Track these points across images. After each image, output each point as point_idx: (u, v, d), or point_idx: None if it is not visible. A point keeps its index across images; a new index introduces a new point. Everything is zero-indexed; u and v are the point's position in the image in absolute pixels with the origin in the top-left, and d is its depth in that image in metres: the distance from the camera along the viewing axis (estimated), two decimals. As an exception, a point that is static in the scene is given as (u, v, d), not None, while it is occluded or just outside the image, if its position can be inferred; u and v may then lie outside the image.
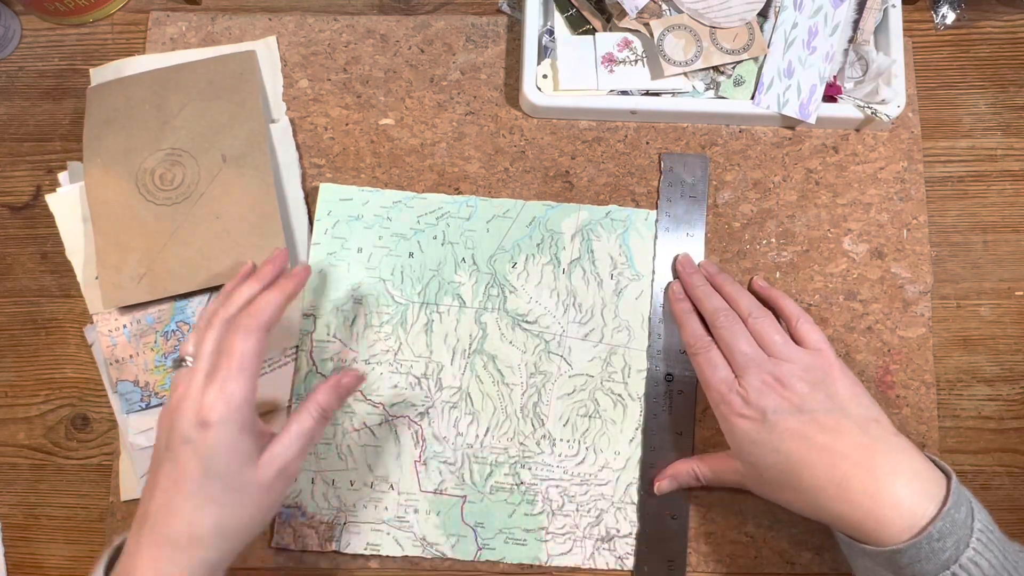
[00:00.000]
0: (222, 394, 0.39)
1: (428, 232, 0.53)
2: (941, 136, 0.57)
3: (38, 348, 0.54)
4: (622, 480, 0.51)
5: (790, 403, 0.43)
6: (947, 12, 0.59)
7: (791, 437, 0.42)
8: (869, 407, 0.43)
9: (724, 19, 0.53)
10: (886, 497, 0.39)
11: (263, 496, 0.40)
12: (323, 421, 0.43)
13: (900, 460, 0.41)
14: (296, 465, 0.41)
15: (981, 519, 0.38)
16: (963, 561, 0.37)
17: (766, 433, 0.43)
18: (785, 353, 0.46)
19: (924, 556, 0.37)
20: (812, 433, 0.42)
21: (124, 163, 0.53)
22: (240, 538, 0.40)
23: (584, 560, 0.50)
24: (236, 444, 0.39)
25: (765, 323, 0.47)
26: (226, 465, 0.38)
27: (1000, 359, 0.54)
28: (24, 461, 0.53)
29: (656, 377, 0.52)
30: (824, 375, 0.44)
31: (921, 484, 0.39)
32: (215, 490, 0.38)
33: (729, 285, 0.50)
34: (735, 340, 0.47)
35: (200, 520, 0.38)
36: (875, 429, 0.42)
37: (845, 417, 0.43)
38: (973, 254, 0.55)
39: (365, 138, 0.56)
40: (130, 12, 0.59)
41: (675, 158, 0.55)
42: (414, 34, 0.58)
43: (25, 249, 0.56)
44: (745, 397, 0.44)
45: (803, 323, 0.47)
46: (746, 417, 0.44)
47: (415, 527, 0.50)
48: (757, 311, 0.48)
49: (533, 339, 0.52)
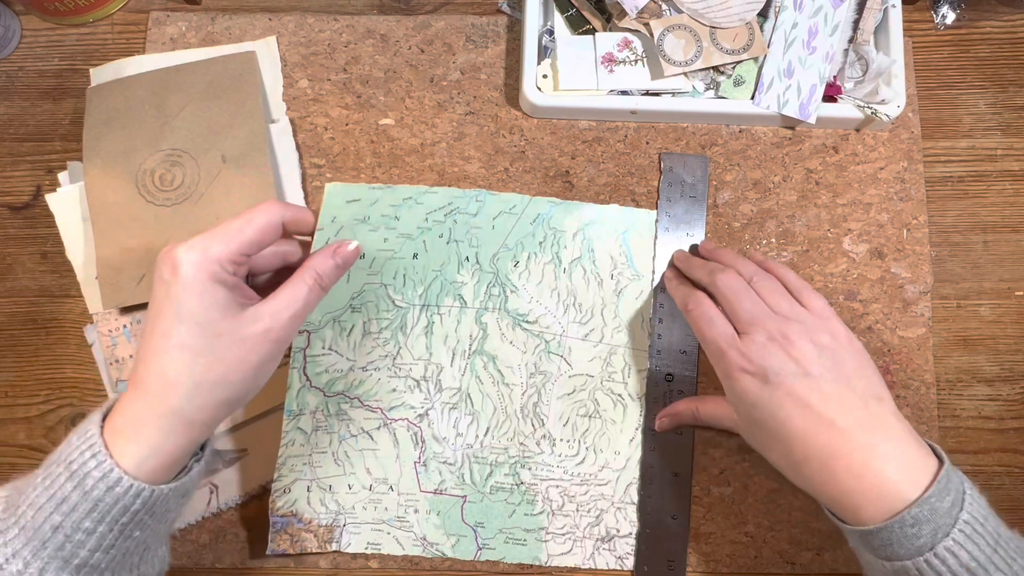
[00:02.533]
0: (199, 243, 0.38)
1: (435, 230, 0.52)
2: (941, 136, 0.57)
3: (38, 348, 0.54)
4: (622, 480, 0.51)
5: (796, 364, 0.41)
6: (947, 12, 0.59)
7: (792, 403, 0.41)
8: (873, 382, 0.42)
9: (724, 19, 0.53)
10: (871, 479, 0.39)
11: (243, 352, 0.38)
12: (318, 291, 0.41)
13: (894, 444, 0.40)
14: (286, 332, 0.40)
15: (972, 510, 0.37)
16: (939, 550, 0.36)
17: (767, 394, 0.41)
18: (792, 313, 0.44)
19: (896, 540, 0.37)
20: (814, 402, 0.40)
21: (124, 163, 0.53)
22: (217, 395, 0.38)
23: (584, 560, 0.50)
24: (206, 292, 0.38)
25: (770, 284, 0.45)
26: (196, 311, 0.37)
27: (1000, 359, 0.54)
28: (24, 461, 0.53)
29: (656, 377, 0.52)
30: (832, 340, 0.43)
31: (908, 470, 0.39)
32: (187, 336, 0.37)
33: (729, 256, 0.49)
34: (738, 296, 0.44)
35: (171, 364, 0.37)
36: (876, 407, 0.41)
37: (849, 390, 0.41)
38: (973, 254, 0.55)
39: (365, 138, 0.56)
40: (130, 12, 0.59)
41: (675, 158, 0.55)
42: (414, 34, 0.58)
43: (25, 249, 0.56)
44: (747, 353, 0.42)
45: (807, 292, 0.45)
46: (748, 373, 0.42)
47: (415, 527, 0.50)
48: (761, 274, 0.46)
49: (533, 339, 0.52)
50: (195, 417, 0.38)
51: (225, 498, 0.51)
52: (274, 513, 0.50)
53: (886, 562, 0.38)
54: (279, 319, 0.39)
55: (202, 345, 0.37)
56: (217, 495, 0.51)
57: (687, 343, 0.52)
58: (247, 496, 0.51)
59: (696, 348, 0.52)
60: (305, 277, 0.41)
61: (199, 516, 0.51)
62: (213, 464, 0.51)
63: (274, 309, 0.40)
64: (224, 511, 0.51)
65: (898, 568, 0.37)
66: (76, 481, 0.35)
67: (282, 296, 0.40)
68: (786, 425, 0.41)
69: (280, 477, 0.50)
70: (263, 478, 0.51)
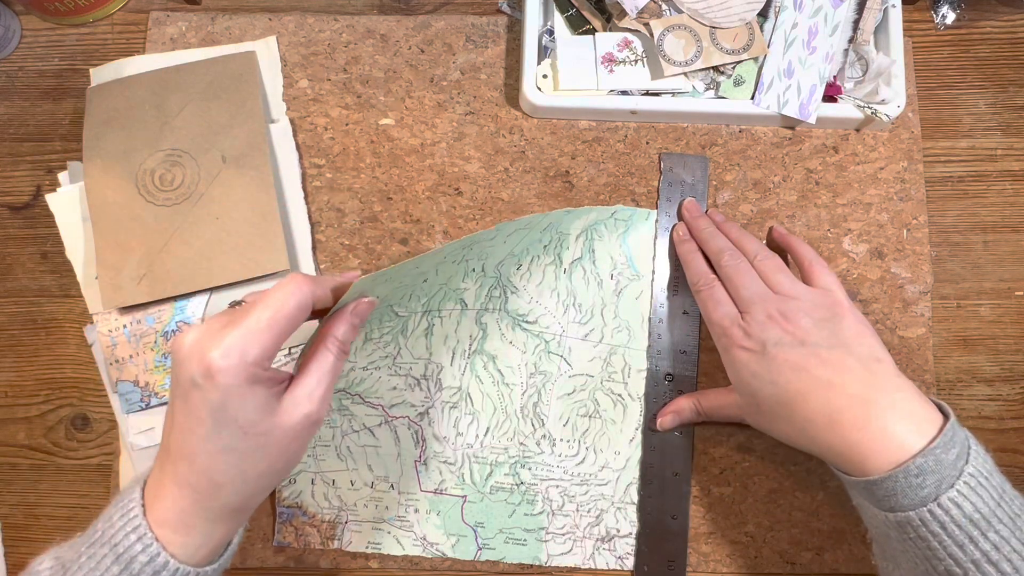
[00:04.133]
0: (236, 346, 0.35)
1: (449, 259, 0.50)
2: (941, 136, 0.57)
3: (38, 348, 0.54)
4: (622, 480, 0.51)
5: (792, 336, 0.43)
6: (947, 12, 0.59)
7: (790, 368, 0.42)
8: (874, 347, 0.43)
9: (724, 19, 0.53)
10: (875, 431, 0.39)
11: (288, 443, 0.37)
12: (343, 356, 0.40)
13: (897, 398, 0.40)
14: (323, 409, 0.38)
15: (977, 464, 0.37)
16: (942, 500, 0.36)
17: (765, 364, 0.43)
18: (792, 291, 0.45)
19: (900, 490, 0.37)
20: (812, 366, 0.42)
21: (124, 163, 0.53)
22: (264, 484, 0.38)
23: (584, 560, 0.50)
24: (247, 396, 0.35)
25: (771, 263, 0.47)
26: (239, 416, 0.36)
27: (1000, 359, 0.54)
28: (24, 461, 0.53)
29: (656, 377, 0.52)
30: (831, 313, 0.44)
31: (914, 422, 0.39)
32: (231, 439, 0.36)
33: (736, 231, 0.50)
34: (739, 277, 0.47)
35: (218, 467, 0.36)
36: (877, 367, 0.42)
37: (848, 354, 0.42)
38: (973, 254, 0.55)
39: (365, 138, 0.56)
40: (130, 12, 0.59)
41: (675, 158, 0.55)
42: (414, 34, 0.58)
43: (25, 249, 0.56)
44: (747, 330, 0.44)
45: (816, 265, 0.47)
46: (746, 349, 0.44)
47: (416, 527, 0.50)
48: (764, 252, 0.48)
49: (533, 339, 0.52)
50: (243, 505, 0.38)
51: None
52: (280, 503, 0.50)
53: (889, 513, 0.38)
54: (315, 400, 0.38)
55: (247, 446, 0.36)
56: (217, 495, 0.51)
57: (687, 343, 0.52)
58: (247, 496, 0.51)
59: (696, 348, 0.52)
60: (329, 347, 0.39)
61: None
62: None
63: (308, 390, 0.38)
64: (224, 511, 0.51)
65: (901, 520, 0.38)
66: (123, 565, 0.35)
67: (312, 373, 0.38)
68: (787, 390, 0.42)
69: None
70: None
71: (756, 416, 0.45)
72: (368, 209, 0.55)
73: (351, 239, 0.55)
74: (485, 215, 0.55)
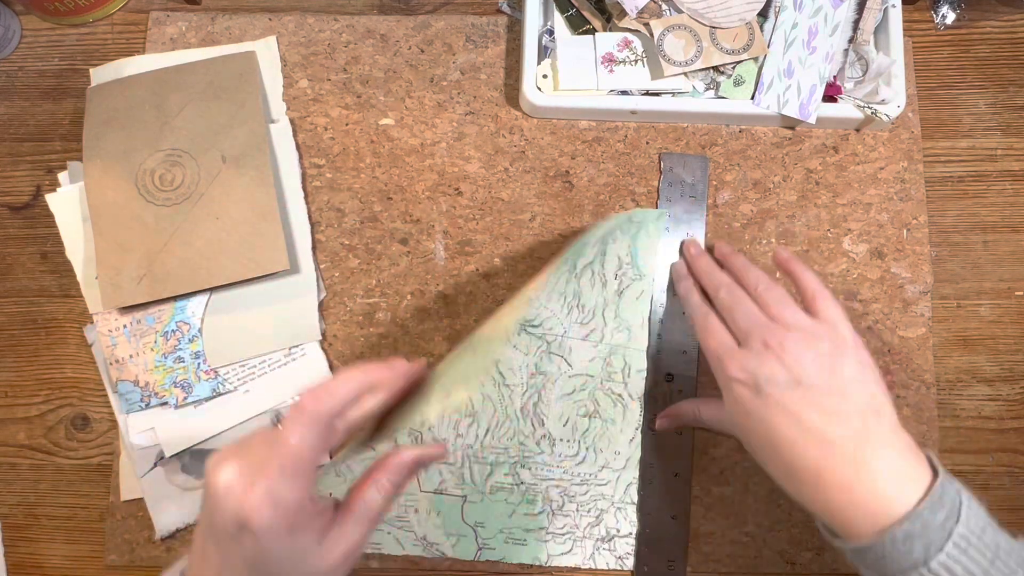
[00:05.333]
0: (269, 497, 0.32)
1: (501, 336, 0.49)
2: (941, 136, 0.57)
3: (38, 348, 0.54)
4: (622, 480, 0.51)
5: (789, 373, 0.40)
6: (947, 12, 0.59)
7: (783, 412, 0.40)
8: (874, 394, 0.40)
9: (724, 19, 0.53)
10: (861, 493, 0.38)
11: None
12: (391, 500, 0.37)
13: (886, 458, 0.38)
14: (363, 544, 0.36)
15: (969, 524, 0.36)
16: (932, 565, 0.35)
17: (759, 403, 0.41)
18: (792, 321, 0.42)
19: (888, 556, 0.36)
20: (806, 413, 0.39)
21: (124, 163, 0.53)
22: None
23: (584, 560, 0.50)
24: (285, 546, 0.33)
25: (773, 293, 0.44)
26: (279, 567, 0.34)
27: (1000, 359, 0.54)
28: (24, 461, 0.53)
29: (656, 377, 0.52)
30: (833, 348, 0.41)
31: (902, 483, 0.38)
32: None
33: (740, 262, 0.48)
34: (736, 306, 0.45)
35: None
36: (872, 421, 0.39)
37: (845, 402, 0.40)
38: (973, 254, 0.55)
39: (365, 138, 0.56)
40: (130, 12, 0.59)
41: (675, 158, 0.55)
42: (414, 34, 0.58)
43: (25, 249, 0.56)
44: (742, 361, 0.42)
45: (819, 296, 0.44)
46: (741, 383, 0.42)
47: (416, 527, 0.50)
48: (765, 282, 0.45)
49: (536, 341, 0.52)
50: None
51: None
52: None
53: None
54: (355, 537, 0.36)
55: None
56: (217, 495, 0.51)
57: (687, 343, 0.52)
58: (247, 496, 0.51)
59: (696, 348, 0.52)
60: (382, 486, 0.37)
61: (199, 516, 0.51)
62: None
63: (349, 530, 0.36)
64: (224, 511, 0.51)
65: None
66: None
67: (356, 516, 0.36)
68: (777, 435, 0.40)
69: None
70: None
71: (748, 447, 0.44)
72: (368, 209, 0.55)
73: (351, 239, 0.55)
74: (485, 215, 0.55)
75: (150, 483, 0.51)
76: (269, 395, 0.52)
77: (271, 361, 0.52)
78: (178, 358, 0.52)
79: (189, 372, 0.52)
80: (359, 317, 0.54)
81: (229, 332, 0.52)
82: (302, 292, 0.53)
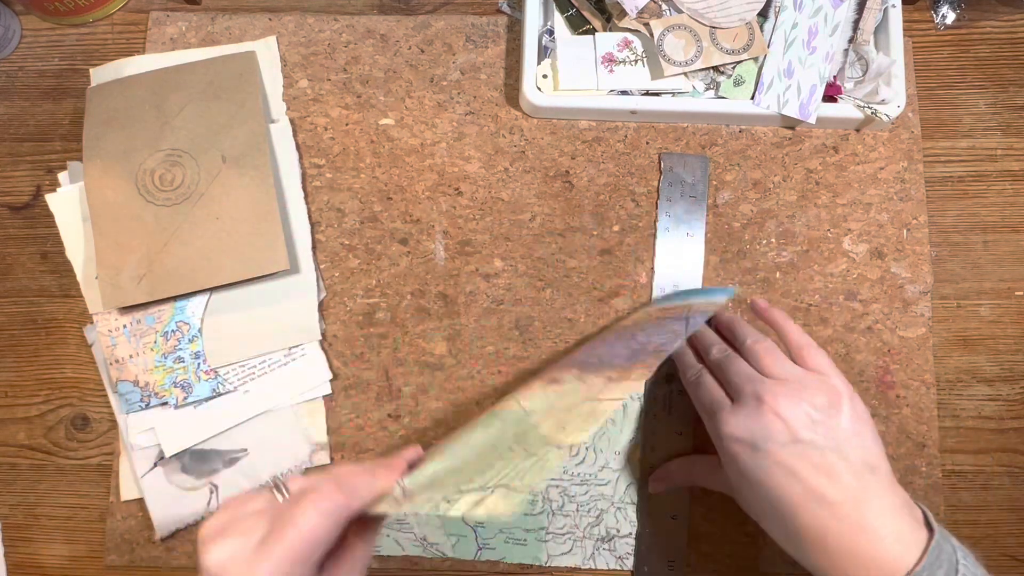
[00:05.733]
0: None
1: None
2: (941, 136, 0.57)
3: (38, 348, 0.54)
4: (622, 480, 0.51)
5: (786, 430, 0.40)
6: (947, 12, 0.59)
7: (781, 472, 0.40)
8: (869, 449, 0.40)
9: (724, 19, 0.53)
10: (863, 557, 0.38)
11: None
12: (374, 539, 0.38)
13: (885, 518, 0.38)
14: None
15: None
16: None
17: (756, 462, 0.40)
18: (784, 373, 0.42)
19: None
20: (803, 472, 0.39)
21: (124, 163, 0.53)
22: None
23: (584, 560, 0.50)
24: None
25: (762, 346, 0.44)
26: None
27: (1000, 359, 0.54)
28: (24, 461, 0.53)
29: (656, 377, 0.52)
30: (828, 403, 0.41)
31: (899, 545, 0.38)
32: None
33: (727, 320, 0.48)
34: (728, 364, 0.44)
35: None
36: (869, 479, 0.39)
37: (841, 459, 0.39)
38: (973, 254, 0.55)
39: (365, 138, 0.56)
40: (130, 12, 0.59)
41: (675, 158, 0.55)
42: (414, 34, 0.58)
43: (25, 249, 0.56)
44: (737, 419, 0.41)
45: (806, 349, 0.43)
46: (737, 440, 0.41)
47: (415, 528, 0.50)
48: (754, 336, 0.45)
49: None
50: None
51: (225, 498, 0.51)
52: None
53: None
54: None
55: None
56: (217, 495, 0.51)
57: (687, 343, 0.52)
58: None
59: (696, 348, 0.52)
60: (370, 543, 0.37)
61: (199, 516, 0.51)
62: (213, 464, 0.51)
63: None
64: (224, 511, 0.51)
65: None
66: None
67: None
68: (777, 496, 0.40)
69: None
70: (263, 478, 0.51)
71: (746, 506, 0.44)
72: (368, 209, 0.55)
73: (351, 239, 0.55)
74: (485, 215, 0.55)
75: (150, 483, 0.51)
76: (269, 395, 0.52)
77: (271, 361, 0.52)
78: (178, 358, 0.52)
79: (189, 372, 0.52)
80: (359, 317, 0.54)
81: (229, 332, 0.52)
82: (302, 292, 0.53)
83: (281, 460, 0.51)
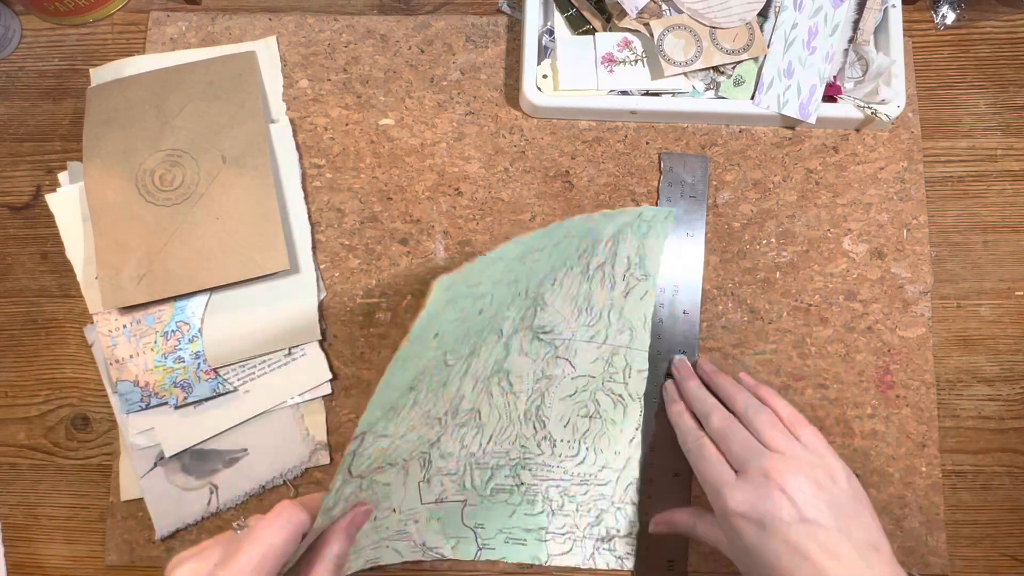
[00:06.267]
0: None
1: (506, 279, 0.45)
2: (941, 136, 0.57)
3: (38, 348, 0.54)
4: (622, 480, 0.51)
5: (792, 506, 0.40)
6: (947, 12, 0.59)
7: (790, 553, 0.40)
8: (871, 528, 0.41)
9: (724, 19, 0.53)
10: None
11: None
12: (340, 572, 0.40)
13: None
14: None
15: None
16: None
17: (763, 540, 0.40)
18: (786, 447, 0.43)
19: None
20: (810, 551, 0.39)
21: (124, 163, 0.53)
22: None
23: (584, 560, 0.50)
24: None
25: (763, 418, 0.44)
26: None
27: (1000, 359, 0.54)
28: (24, 461, 0.53)
29: (657, 377, 0.52)
30: (828, 479, 0.42)
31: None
32: None
33: (726, 384, 0.48)
34: (730, 434, 0.44)
35: None
36: (874, 559, 0.39)
37: (847, 539, 0.40)
38: (973, 254, 0.55)
39: (365, 138, 0.56)
40: (130, 12, 0.59)
41: (675, 158, 0.55)
42: (414, 34, 0.58)
43: (25, 249, 0.56)
44: (743, 495, 0.42)
45: (800, 425, 0.44)
46: (742, 516, 0.41)
47: (415, 535, 0.50)
48: (754, 406, 0.45)
49: (545, 347, 0.51)
50: None
51: (225, 498, 0.51)
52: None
53: None
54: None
55: None
56: (217, 495, 0.51)
57: (688, 343, 0.52)
58: (247, 496, 0.51)
59: (696, 348, 0.52)
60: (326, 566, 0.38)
61: (199, 516, 0.51)
62: (213, 464, 0.51)
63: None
64: (224, 511, 0.51)
65: None
66: None
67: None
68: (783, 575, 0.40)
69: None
70: (263, 478, 0.51)
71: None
72: (368, 209, 0.55)
73: (351, 239, 0.55)
74: (485, 215, 0.55)
75: (150, 483, 0.51)
76: (269, 395, 0.52)
77: (271, 361, 0.52)
78: (178, 358, 0.52)
79: (189, 372, 0.52)
80: (359, 317, 0.54)
81: (229, 332, 0.52)
82: (302, 292, 0.53)
83: (281, 460, 0.51)
